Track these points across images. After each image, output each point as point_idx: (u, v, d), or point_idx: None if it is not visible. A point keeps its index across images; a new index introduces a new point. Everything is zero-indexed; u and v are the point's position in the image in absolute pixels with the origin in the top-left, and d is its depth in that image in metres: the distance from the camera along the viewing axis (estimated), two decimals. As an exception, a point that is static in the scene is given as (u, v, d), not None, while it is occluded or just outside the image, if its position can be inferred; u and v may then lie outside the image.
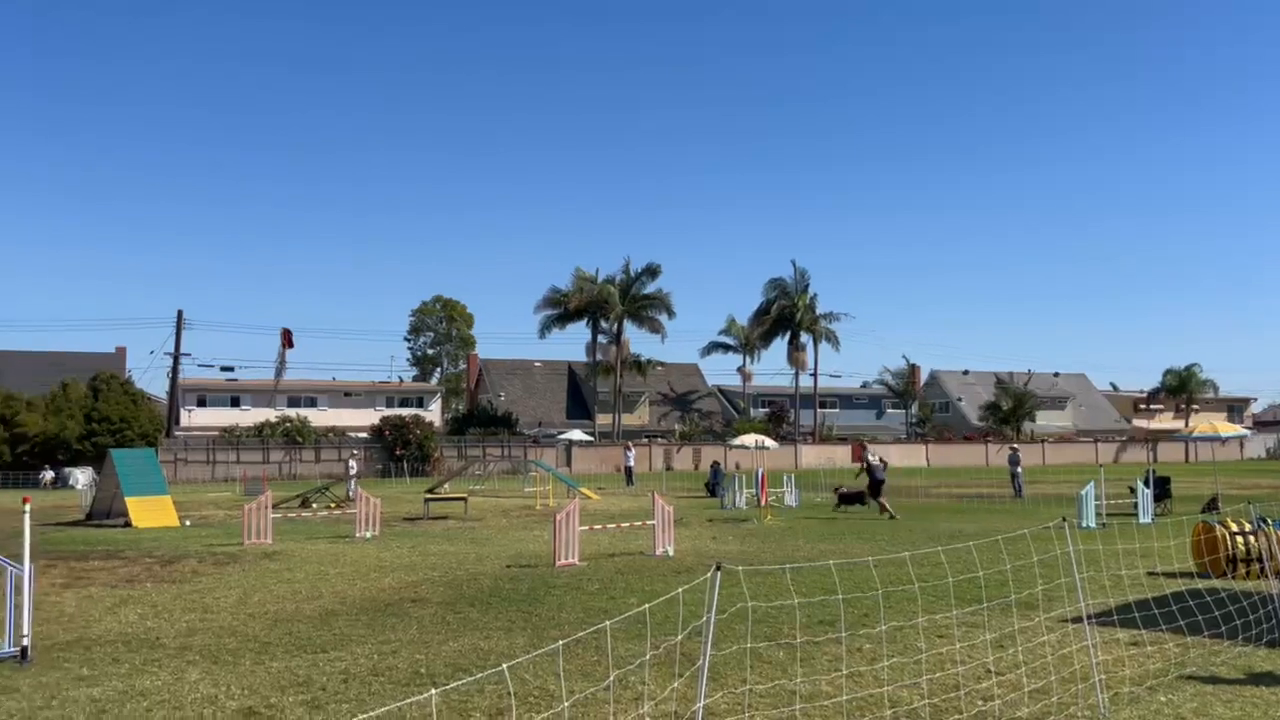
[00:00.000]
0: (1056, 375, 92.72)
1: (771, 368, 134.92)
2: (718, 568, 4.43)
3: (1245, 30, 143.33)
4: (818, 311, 72.30)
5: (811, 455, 64.48)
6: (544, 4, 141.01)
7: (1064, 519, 7.81)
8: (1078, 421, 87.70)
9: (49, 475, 47.07)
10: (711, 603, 4.63)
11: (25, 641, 8.42)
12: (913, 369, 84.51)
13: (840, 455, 65.85)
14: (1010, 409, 79.17)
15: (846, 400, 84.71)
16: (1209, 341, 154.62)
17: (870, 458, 25.18)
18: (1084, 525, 19.37)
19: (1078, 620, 8.60)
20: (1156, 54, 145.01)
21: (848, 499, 25.33)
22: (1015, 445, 38.52)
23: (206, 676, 7.76)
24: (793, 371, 73.41)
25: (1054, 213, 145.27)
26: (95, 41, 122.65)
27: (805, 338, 72.48)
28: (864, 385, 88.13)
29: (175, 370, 62.83)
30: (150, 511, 22.73)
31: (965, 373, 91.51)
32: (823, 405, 76.42)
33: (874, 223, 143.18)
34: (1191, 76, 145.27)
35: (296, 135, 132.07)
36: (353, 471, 35.29)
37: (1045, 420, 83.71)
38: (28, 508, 8.95)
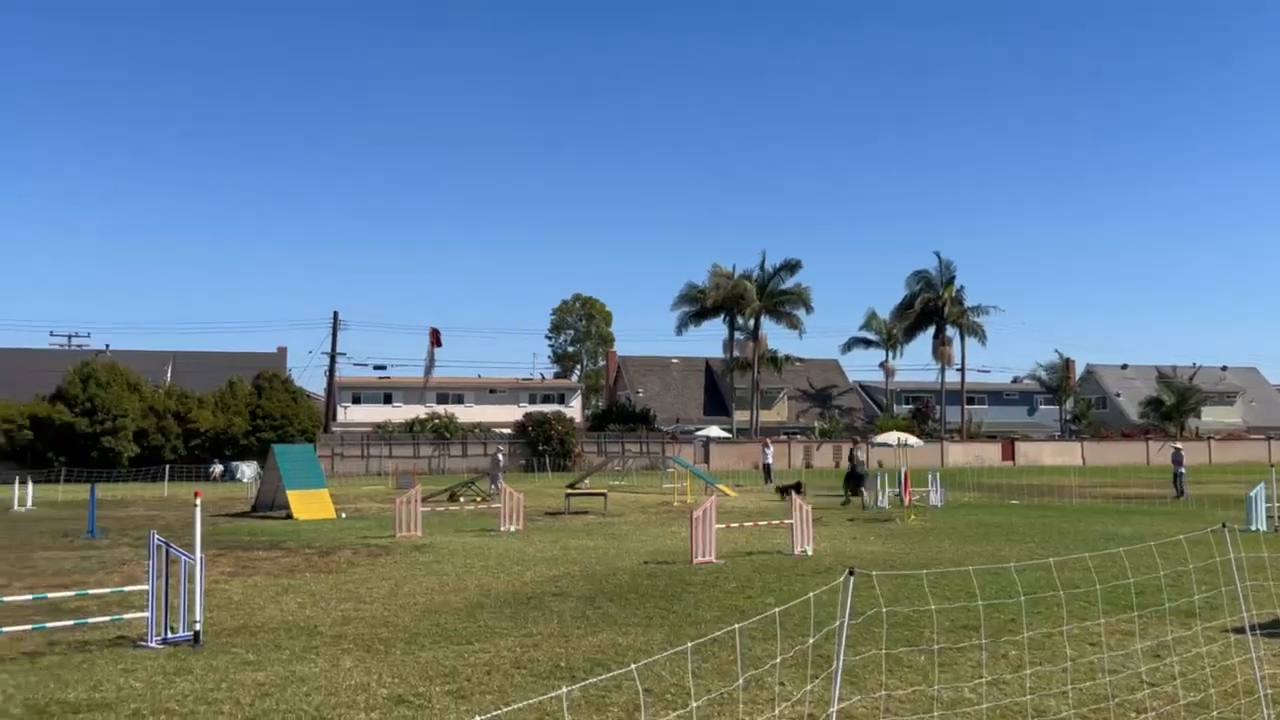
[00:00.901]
0: (1224, 369, 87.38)
1: (915, 363, 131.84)
2: (851, 572, 4.40)
3: None
4: (964, 304, 70.16)
5: (959, 453, 62.72)
6: (685, 5, 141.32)
7: (1224, 524, 7.40)
8: (1248, 418, 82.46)
9: (218, 469, 50.02)
10: (845, 606, 4.59)
11: (197, 626, 9.02)
12: (1067, 363, 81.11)
13: (990, 453, 63.82)
14: (1173, 405, 75.12)
15: (996, 396, 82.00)
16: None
17: (858, 453, 27.73)
18: (1253, 529, 18.25)
19: (1240, 631, 8.13)
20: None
21: (785, 490, 25.59)
22: (1178, 443, 36.52)
23: (360, 664, 8.15)
24: (938, 366, 71.54)
25: (1220, 198, 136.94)
26: (261, 46, 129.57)
27: (951, 331, 70.47)
28: (1014, 380, 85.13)
29: (332, 369, 65.91)
30: (310, 504, 23.90)
31: (1124, 367, 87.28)
32: (970, 401, 74.17)
33: (1023, 211, 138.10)
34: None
35: (444, 138, 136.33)
36: (499, 466, 36.27)
37: (1212, 417, 79.08)
38: (199, 502, 9.57)
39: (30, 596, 10.86)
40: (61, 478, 44.52)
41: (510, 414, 67.20)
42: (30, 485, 29.87)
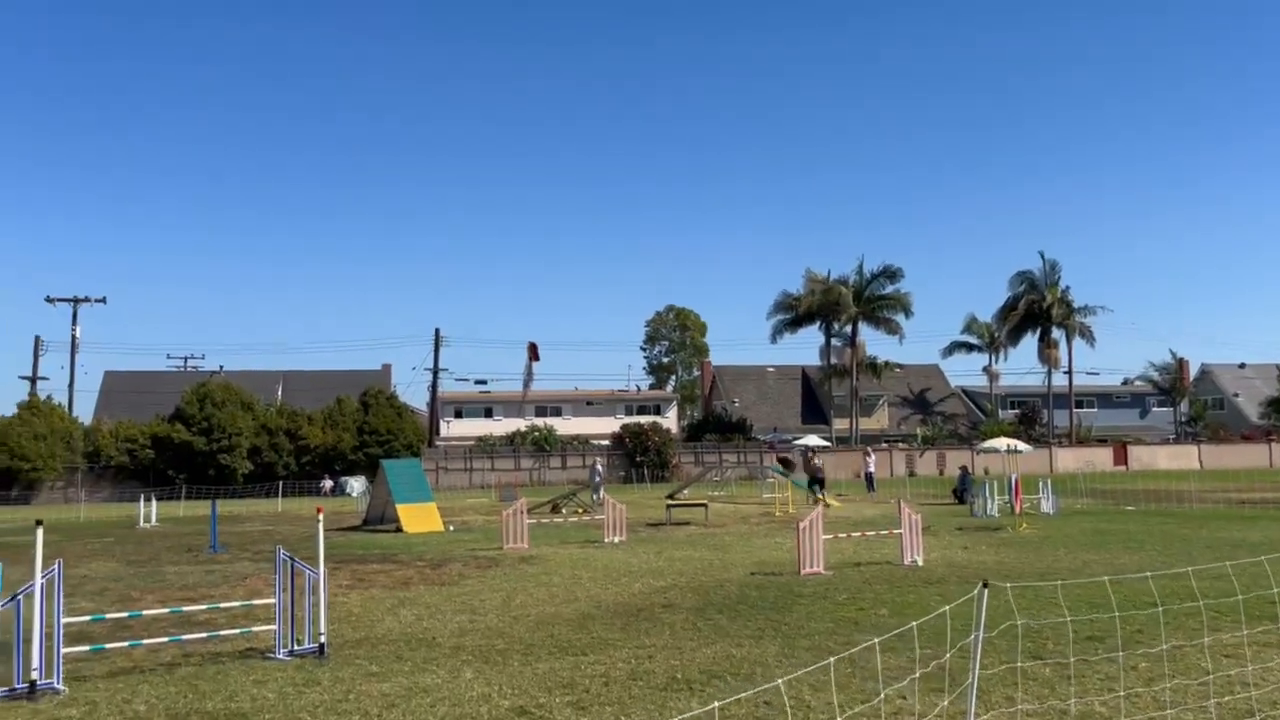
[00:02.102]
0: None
1: (1020, 366, 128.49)
2: (984, 585, 4.30)
3: None
4: (1071, 305, 68.05)
5: (1068, 459, 60.86)
6: (772, 8, 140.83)
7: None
8: (1381, 416, 77.96)
9: (328, 484, 51.51)
10: (979, 619, 4.50)
11: (322, 639, 9.30)
12: (1181, 363, 77.99)
13: (1101, 458, 61.78)
14: (1297, 404, 71.57)
15: (1105, 399, 79.29)
16: None
17: (815, 460, 31.72)
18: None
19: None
20: None
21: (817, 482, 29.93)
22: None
23: (480, 676, 8.28)
24: (1044, 370, 69.52)
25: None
26: (344, 63, 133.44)
27: (1057, 333, 68.41)
28: (1125, 382, 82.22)
29: (435, 385, 67.38)
30: (418, 517, 24.42)
31: (1241, 366, 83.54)
32: (1079, 405, 71.85)
33: (1129, 205, 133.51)
34: None
35: (536, 153, 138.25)
36: (598, 477, 36.59)
37: (1341, 416, 74.97)
38: (321, 518, 9.87)
39: (166, 610, 11.34)
40: (182, 495, 46.41)
41: (607, 425, 67.62)
42: (154, 502, 31.21)
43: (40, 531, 8.16)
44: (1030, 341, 70.30)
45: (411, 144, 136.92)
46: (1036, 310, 67.78)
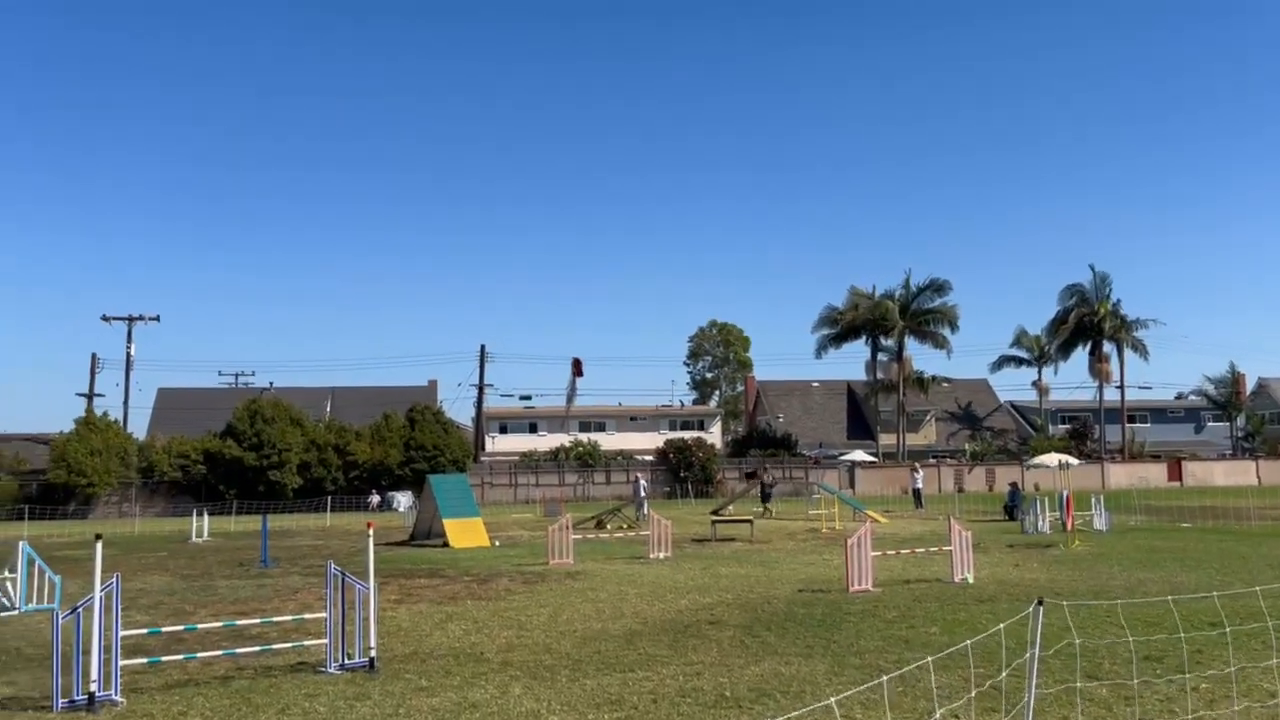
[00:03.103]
0: None
1: (1070, 380, 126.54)
2: (1040, 603, 4.23)
3: None
4: (1123, 318, 66.92)
5: (1121, 474, 59.77)
6: (820, 22, 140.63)
7: None
8: None
9: (375, 499, 51.95)
10: (1035, 638, 4.42)
11: (372, 653, 9.37)
12: (1237, 377, 76.31)
13: (1155, 474, 60.60)
14: (1360, 419, 69.68)
15: (1159, 414, 77.77)
16: None
17: (763, 475, 35.42)
18: None
19: None
20: None
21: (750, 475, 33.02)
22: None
23: (528, 691, 8.29)
24: (1095, 384, 68.35)
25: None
26: (393, 85, 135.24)
27: (1109, 347, 67.27)
28: (1179, 397, 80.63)
29: (480, 400, 67.82)
30: (465, 532, 24.55)
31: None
32: (1131, 419, 70.53)
33: (1183, 217, 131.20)
34: None
35: (578, 168, 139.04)
36: (643, 493, 36.64)
37: (1406, 431, 72.95)
38: (371, 532, 9.96)
39: (220, 623, 11.50)
40: (233, 510, 47.07)
41: (651, 441, 67.57)
42: (206, 517, 31.69)
43: (99, 545, 8.32)
44: (1081, 355, 69.29)
45: (456, 164, 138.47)
46: (1087, 323, 66.75)
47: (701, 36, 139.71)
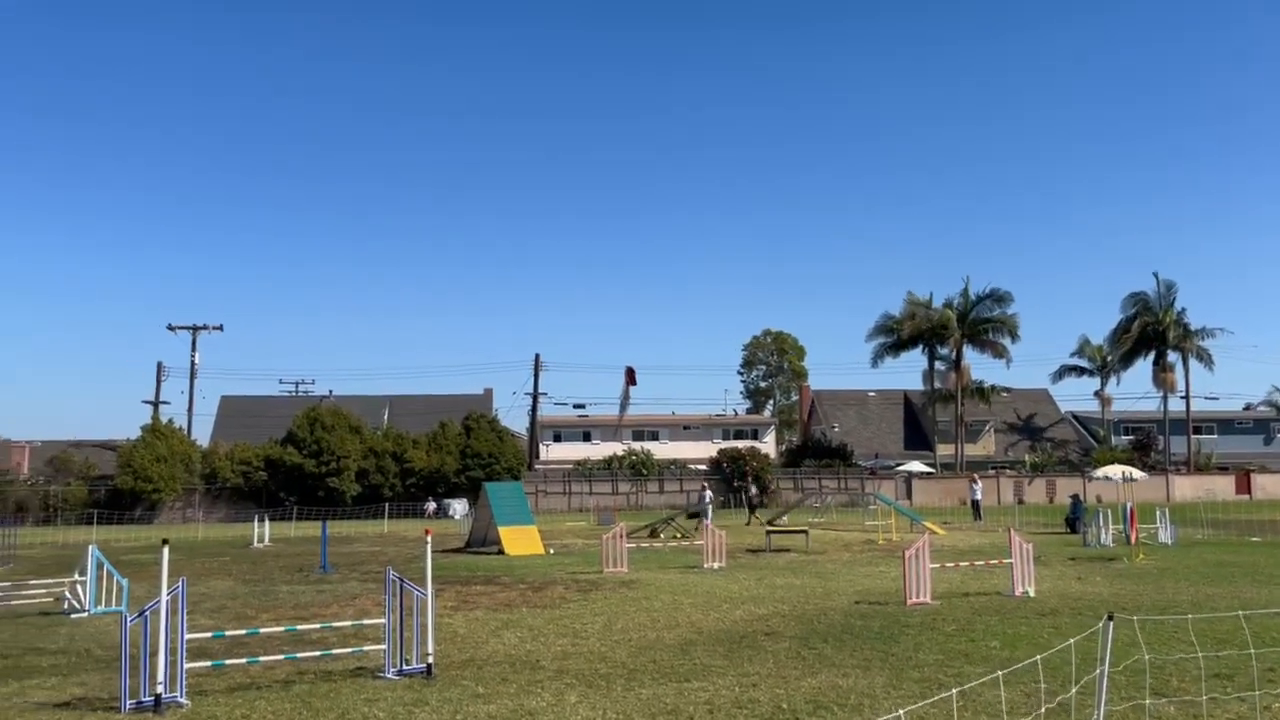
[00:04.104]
0: None
1: (1134, 390, 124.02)
2: (1110, 617, 4.14)
3: None
4: (1188, 327, 65.35)
5: (1186, 487, 58.30)
6: (869, 32, 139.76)
7: None
8: None
9: (431, 506, 52.46)
10: (1104, 654, 4.33)
11: (430, 659, 9.45)
12: (1308, 387, 74.04)
13: (1222, 486, 59.02)
14: None
15: (1226, 425, 75.72)
16: None
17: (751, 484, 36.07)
18: None
19: None
20: None
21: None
22: None
23: (584, 700, 8.31)
24: (1160, 394, 66.79)
25: None
26: (449, 99, 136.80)
27: (1173, 356, 65.70)
28: (1247, 407, 78.46)
29: (534, 409, 68.22)
30: (520, 540, 24.69)
31: (1376, 389, 78.88)
32: (1197, 431, 68.75)
33: (1248, 222, 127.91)
34: None
35: (631, 178, 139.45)
36: (707, 501, 37.04)
37: None
38: (429, 539, 10.07)
39: (281, 628, 11.69)
40: (293, 516, 47.83)
41: (704, 450, 67.39)
42: (267, 523, 32.25)
43: (166, 550, 8.50)
44: (1144, 365, 67.71)
45: (512, 176, 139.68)
46: (1151, 333, 65.29)
47: (754, 42, 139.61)
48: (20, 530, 32.93)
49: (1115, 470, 29.08)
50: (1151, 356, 66.40)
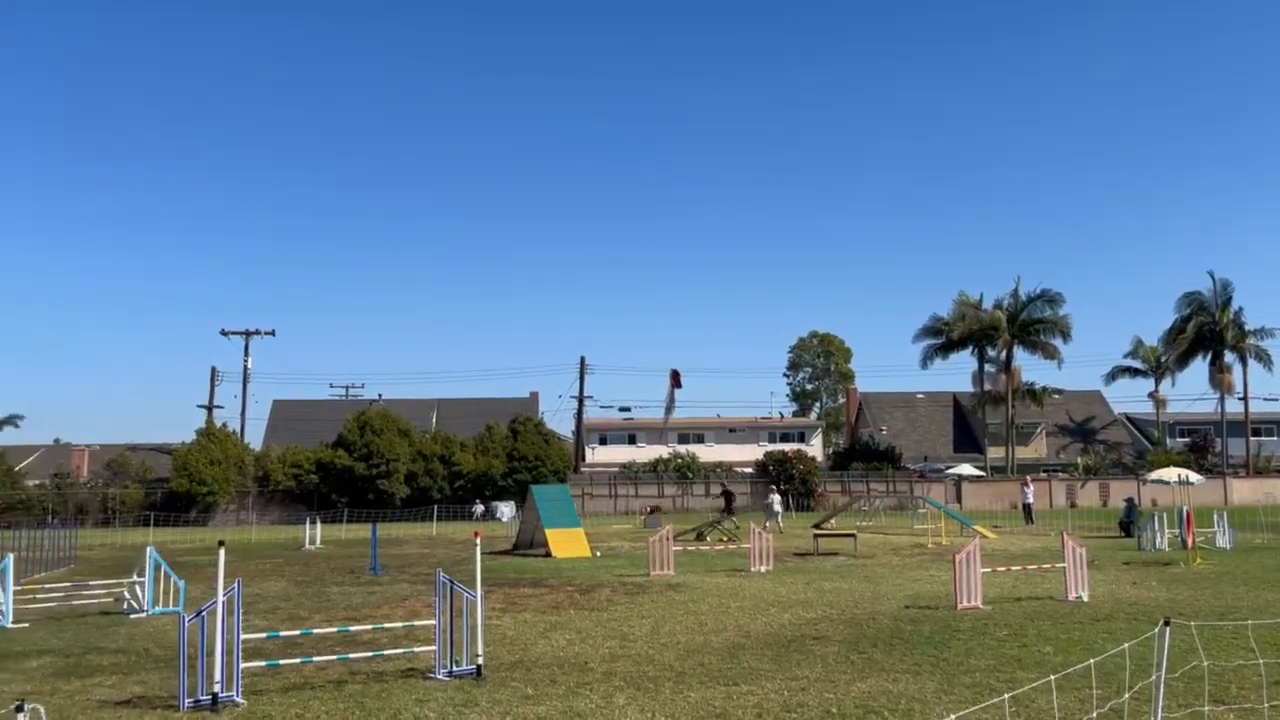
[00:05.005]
0: None
1: (1189, 392, 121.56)
2: (1166, 622, 4.08)
3: None
4: (1245, 327, 63.94)
5: (1245, 490, 57.02)
6: (916, 30, 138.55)
7: None
8: None
9: (479, 508, 52.86)
10: (1161, 659, 4.27)
11: (479, 661, 9.54)
12: (1373, 388, 72.02)
13: (1282, 490, 57.58)
14: None
15: (1286, 427, 73.93)
16: None
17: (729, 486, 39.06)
18: None
19: None
20: None
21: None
22: None
23: (633, 702, 8.33)
24: (1217, 396, 65.43)
25: None
26: (494, 106, 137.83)
27: (1230, 357, 64.31)
28: (1309, 408, 76.47)
29: (580, 412, 68.47)
30: (567, 542, 24.79)
31: None
32: (1256, 432, 67.16)
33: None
34: None
35: (677, 179, 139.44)
36: (777, 507, 37.45)
37: None
38: (478, 541, 10.16)
39: (334, 629, 11.86)
40: (344, 518, 48.45)
41: (750, 453, 67.18)
42: (318, 525, 32.70)
43: (222, 551, 8.67)
44: (1200, 366, 66.39)
45: (557, 180, 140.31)
46: (1207, 333, 63.99)
47: (797, 44, 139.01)
48: (81, 531, 33.70)
49: (1171, 473, 28.49)
50: (1208, 357, 65.10)
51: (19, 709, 4.36)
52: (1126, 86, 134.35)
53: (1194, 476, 28.39)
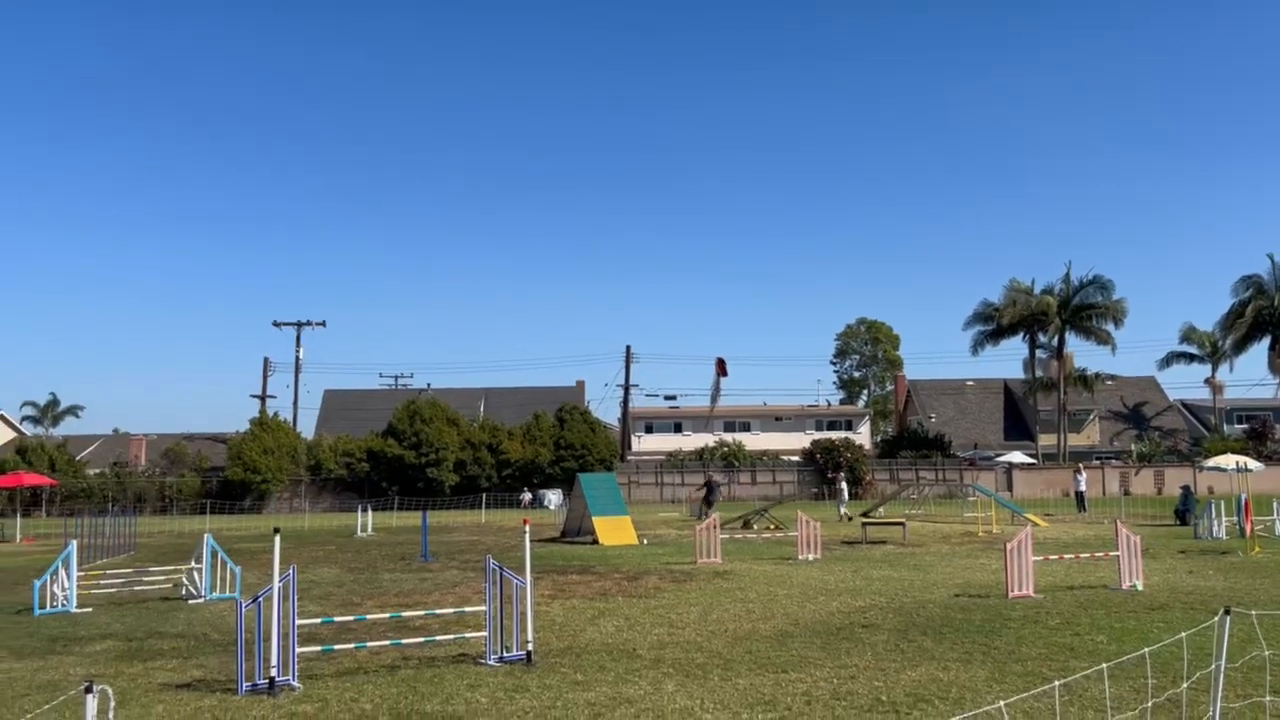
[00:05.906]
0: None
1: (1247, 378, 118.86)
2: (1226, 611, 4.02)
3: None
4: (1305, 310, 62.28)
5: (1306, 477, 55.62)
6: (966, 23, 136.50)
7: None
8: None
9: (527, 496, 53.28)
10: (1220, 649, 4.21)
11: (529, 647, 9.63)
12: None
13: (1345, 477, 56.09)
14: None
15: (1349, 412, 72.04)
16: None
17: (715, 478, 38.97)
18: None
19: None
20: None
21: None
22: None
23: (681, 689, 8.37)
24: (1276, 381, 63.89)
25: None
26: (537, 99, 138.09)
27: (1291, 341, 62.72)
28: (1373, 393, 74.44)
29: (626, 400, 68.62)
30: (614, 530, 24.91)
31: None
32: (1317, 419, 65.58)
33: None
34: None
35: (719, 174, 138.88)
36: (845, 494, 37.84)
37: None
38: (527, 529, 10.25)
39: (386, 615, 12.05)
40: (394, 506, 49.08)
41: (797, 441, 66.91)
42: (369, 513, 33.17)
43: (278, 539, 8.84)
44: (1259, 351, 64.76)
45: (602, 170, 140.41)
46: (1266, 317, 62.43)
47: (846, 35, 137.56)
48: (140, 519, 34.49)
49: (1228, 460, 27.87)
50: (1266, 341, 63.55)
51: (88, 690, 4.50)
52: (1176, 74, 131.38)
53: (1253, 464, 27.74)
